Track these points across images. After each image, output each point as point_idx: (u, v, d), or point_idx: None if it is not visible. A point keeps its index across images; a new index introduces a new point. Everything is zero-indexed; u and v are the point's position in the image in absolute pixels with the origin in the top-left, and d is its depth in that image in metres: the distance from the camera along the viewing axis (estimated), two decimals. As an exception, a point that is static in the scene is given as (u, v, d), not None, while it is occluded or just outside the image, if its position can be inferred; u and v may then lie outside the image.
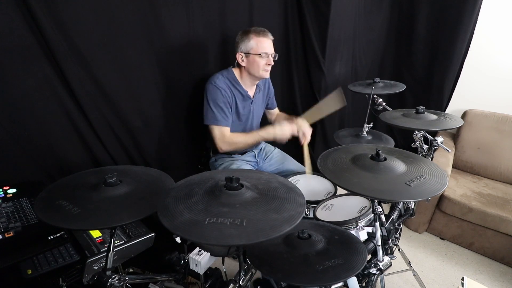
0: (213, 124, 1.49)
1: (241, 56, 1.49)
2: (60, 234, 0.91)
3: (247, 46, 1.46)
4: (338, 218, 1.15)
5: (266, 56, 1.47)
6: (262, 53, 1.46)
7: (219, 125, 1.49)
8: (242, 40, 1.47)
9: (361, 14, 2.33)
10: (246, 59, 1.49)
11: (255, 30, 1.46)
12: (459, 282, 1.03)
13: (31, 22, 1.03)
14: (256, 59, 1.47)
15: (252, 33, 1.45)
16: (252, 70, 1.50)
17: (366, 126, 1.57)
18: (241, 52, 1.48)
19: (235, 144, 1.53)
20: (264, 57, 1.47)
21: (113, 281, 0.81)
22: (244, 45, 1.46)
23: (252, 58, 1.47)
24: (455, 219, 1.99)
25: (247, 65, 1.50)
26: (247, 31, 1.47)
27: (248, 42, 1.45)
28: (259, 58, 1.46)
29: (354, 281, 1.03)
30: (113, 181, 0.81)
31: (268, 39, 1.48)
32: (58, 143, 1.22)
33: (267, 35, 1.48)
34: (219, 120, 1.48)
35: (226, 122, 1.50)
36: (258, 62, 1.47)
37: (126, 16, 1.26)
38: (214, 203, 0.69)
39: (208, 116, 1.49)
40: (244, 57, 1.48)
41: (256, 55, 1.46)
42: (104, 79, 1.27)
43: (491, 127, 2.22)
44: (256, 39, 1.45)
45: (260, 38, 1.45)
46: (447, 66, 2.34)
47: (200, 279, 1.06)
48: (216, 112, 1.47)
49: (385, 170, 0.88)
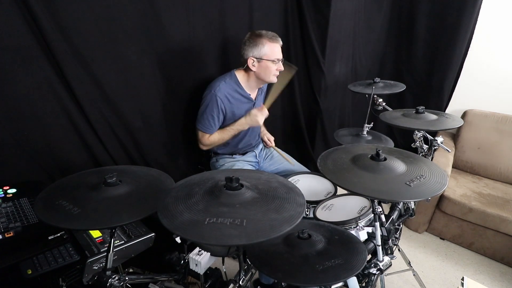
0: (199, 128, 1.54)
1: (253, 61, 1.46)
2: (60, 234, 0.91)
3: (261, 51, 1.43)
4: (338, 218, 1.15)
5: (278, 62, 1.47)
6: (275, 60, 1.45)
7: (202, 131, 1.53)
8: (254, 44, 1.43)
9: (361, 14, 2.33)
10: (257, 64, 1.47)
11: (267, 35, 1.44)
12: (459, 282, 1.04)
13: (31, 22, 1.03)
14: (269, 65, 1.45)
15: (265, 38, 1.43)
16: (263, 75, 1.49)
17: (366, 126, 1.57)
18: (253, 57, 1.45)
19: (212, 143, 1.58)
20: (276, 63, 1.46)
21: (113, 281, 0.82)
22: (258, 50, 1.43)
23: (264, 64, 1.45)
24: (455, 219, 1.99)
25: (258, 70, 1.48)
26: (259, 35, 1.43)
27: (262, 47, 1.43)
28: (272, 64, 1.46)
29: (354, 281, 1.03)
30: (113, 181, 0.81)
31: (279, 44, 1.47)
32: (58, 143, 1.22)
33: (279, 40, 1.47)
34: (205, 127, 1.52)
35: (210, 130, 1.53)
36: (270, 68, 1.46)
37: (126, 16, 1.26)
38: (214, 203, 0.69)
39: (199, 119, 1.53)
40: (256, 62, 1.46)
41: (269, 61, 1.45)
42: (104, 79, 1.27)
43: (491, 127, 2.21)
44: (270, 45, 1.43)
45: (273, 44, 1.44)
46: (447, 66, 2.35)
47: (200, 279, 1.06)
48: (205, 119, 1.50)
49: (385, 170, 0.88)
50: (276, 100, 1.58)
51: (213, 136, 1.56)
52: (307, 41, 2.15)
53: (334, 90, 2.39)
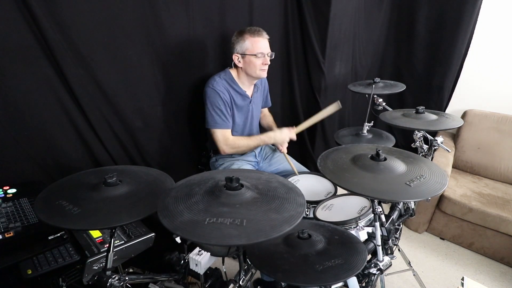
0: (214, 127, 1.50)
1: (238, 57, 1.48)
2: (60, 234, 0.91)
3: (243, 47, 1.45)
4: (338, 218, 1.15)
5: (262, 56, 1.47)
6: (257, 53, 1.45)
7: (219, 128, 1.50)
8: (237, 41, 1.46)
9: (361, 14, 2.33)
10: (242, 60, 1.49)
11: (249, 30, 1.45)
12: (459, 282, 1.03)
13: (31, 22, 1.03)
14: (252, 59, 1.46)
15: (247, 33, 1.45)
16: (249, 70, 1.50)
17: (367, 125, 1.57)
18: (237, 53, 1.48)
19: (238, 147, 1.55)
20: (260, 57, 1.46)
21: (113, 281, 0.81)
22: (240, 46, 1.46)
23: (248, 59, 1.47)
24: (455, 219, 1.99)
25: (244, 65, 1.50)
26: (241, 32, 1.46)
27: (243, 43, 1.45)
28: (255, 59, 1.46)
29: (354, 281, 1.03)
30: (113, 181, 0.81)
31: (264, 38, 1.47)
32: (58, 143, 1.22)
33: (262, 34, 1.47)
34: (219, 124, 1.49)
35: (226, 124, 1.51)
36: (254, 62, 1.47)
37: (126, 16, 1.26)
38: (214, 203, 0.69)
39: (209, 120, 1.50)
40: (241, 58, 1.48)
41: (252, 56, 1.45)
42: (104, 79, 1.27)
43: (491, 127, 2.21)
44: (251, 39, 1.44)
45: (255, 38, 1.45)
46: (447, 66, 2.35)
47: (200, 279, 1.06)
48: (215, 116, 1.48)
49: (385, 170, 0.88)
50: (276, 99, 1.59)
51: (240, 140, 1.55)
52: (307, 41, 2.15)
53: (334, 90, 2.39)
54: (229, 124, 1.52)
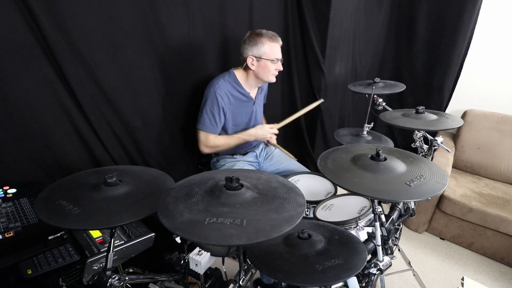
0: (201, 129, 1.51)
1: (252, 59, 1.46)
2: (60, 234, 0.91)
3: (260, 50, 1.43)
4: (338, 218, 1.15)
5: (277, 61, 1.47)
6: (274, 59, 1.45)
7: (206, 131, 1.51)
8: (254, 43, 1.43)
9: (361, 14, 2.33)
10: (257, 63, 1.47)
11: (267, 34, 1.44)
12: (459, 282, 1.03)
13: (31, 22, 1.03)
14: (268, 64, 1.46)
15: (265, 37, 1.43)
16: (262, 74, 1.49)
17: (367, 126, 1.57)
18: (252, 55, 1.45)
19: (217, 146, 1.57)
20: (275, 62, 1.46)
21: (113, 281, 0.81)
22: (257, 49, 1.43)
23: (264, 63, 1.46)
24: (455, 219, 1.99)
25: (257, 69, 1.48)
26: (259, 34, 1.43)
27: (262, 46, 1.43)
28: (271, 64, 1.46)
29: (354, 281, 1.03)
30: (113, 181, 0.81)
31: (279, 44, 1.47)
32: (58, 143, 1.22)
33: (279, 40, 1.47)
34: (207, 127, 1.50)
35: (213, 129, 1.51)
36: (269, 67, 1.46)
37: (126, 16, 1.26)
38: (214, 203, 0.69)
39: (199, 119, 1.51)
40: (255, 61, 1.46)
41: (268, 61, 1.45)
42: (104, 79, 1.27)
43: (491, 127, 2.21)
44: (270, 44, 1.43)
45: (273, 43, 1.44)
46: (447, 66, 2.34)
47: (200, 279, 1.06)
48: (206, 118, 1.49)
49: (385, 170, 0.88)
50: (276, 99, 1.59)
51: (219, 139, 1.55)
52: (307, 41, 2.15)
53: (334, 90, 2.39)
54: (217, 129, 1.53)
